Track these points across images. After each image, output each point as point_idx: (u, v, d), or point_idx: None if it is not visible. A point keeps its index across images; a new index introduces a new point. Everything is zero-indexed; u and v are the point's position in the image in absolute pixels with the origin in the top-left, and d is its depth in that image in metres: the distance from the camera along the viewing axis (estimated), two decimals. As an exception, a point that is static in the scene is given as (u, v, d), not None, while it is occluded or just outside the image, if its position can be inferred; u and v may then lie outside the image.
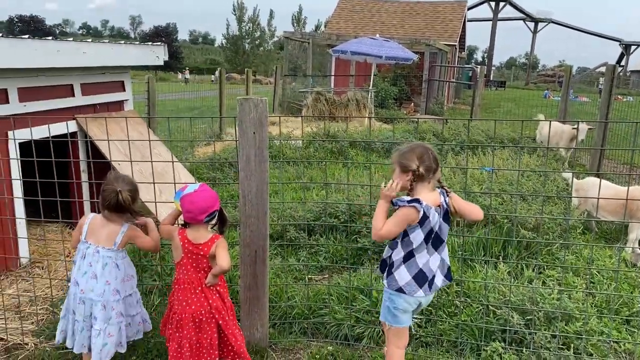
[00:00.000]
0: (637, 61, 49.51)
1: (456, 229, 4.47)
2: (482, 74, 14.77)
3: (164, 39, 63.56)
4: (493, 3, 45.74)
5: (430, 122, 11.28)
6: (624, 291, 3.88)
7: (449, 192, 2.71)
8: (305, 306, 3.65)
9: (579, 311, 3.36)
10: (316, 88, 14.75)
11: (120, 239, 2.86)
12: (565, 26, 50.75)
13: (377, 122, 13.35)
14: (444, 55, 21.27)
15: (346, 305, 3.58)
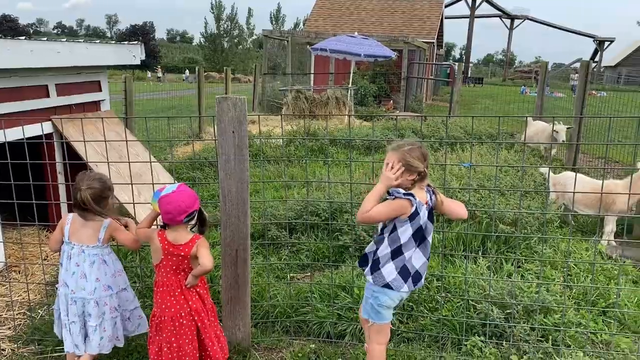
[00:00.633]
0: (611, 57, 50.52)
1: (436, 225, 4.50)
2: (460, 71, 14.90)
3: (141, 38, 62.72)
4: (470, 0, 46.17)
5: (409, 119, 11.36)
6: (600, 283, 3.95)
7: (436, 190, 2.72)
8: (287, 305, 3.64)
9: (557, 304, 3.42)
10: (296, 86, 14.72)
11: (103, 235, 2.87)
12: (540, 23, 51.49)
13: (357, 120, 13.39)
14: (422, 52, 21.42)
15: (328, 302, 3.58)
